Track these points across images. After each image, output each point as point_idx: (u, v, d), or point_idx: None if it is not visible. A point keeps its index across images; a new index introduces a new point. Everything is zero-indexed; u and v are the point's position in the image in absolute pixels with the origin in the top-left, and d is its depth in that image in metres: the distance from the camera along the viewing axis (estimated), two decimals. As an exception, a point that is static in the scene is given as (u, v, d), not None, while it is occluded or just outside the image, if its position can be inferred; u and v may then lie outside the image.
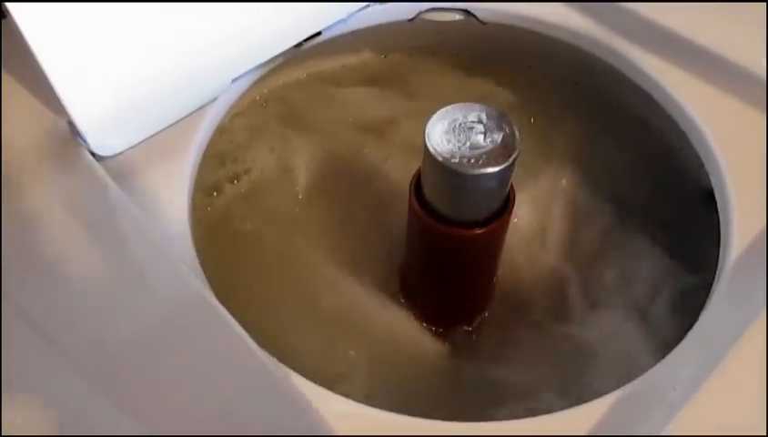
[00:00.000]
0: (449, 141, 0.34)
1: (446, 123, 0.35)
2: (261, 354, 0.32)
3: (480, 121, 0.35)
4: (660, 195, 0.47)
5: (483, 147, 0.34)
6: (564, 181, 0.48)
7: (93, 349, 0.31)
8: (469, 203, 0.36)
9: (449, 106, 0.36)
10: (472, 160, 0.34)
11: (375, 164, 0.50)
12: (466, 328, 0.44)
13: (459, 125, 0.35)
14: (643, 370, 0.32)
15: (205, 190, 0.45)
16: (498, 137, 0.35)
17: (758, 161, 0.39)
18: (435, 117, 0.36)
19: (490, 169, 0.34)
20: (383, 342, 0.43)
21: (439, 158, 0.34)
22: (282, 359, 0.32)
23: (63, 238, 0.35)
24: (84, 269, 0.34)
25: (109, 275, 0.34)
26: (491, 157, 0.34)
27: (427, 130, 0.35)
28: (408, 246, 0.43)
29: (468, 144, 0.34)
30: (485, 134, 0.35)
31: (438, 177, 0.36)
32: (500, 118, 0.35)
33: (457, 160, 0.34)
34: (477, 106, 0.36)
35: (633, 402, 0.31)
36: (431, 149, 0.34)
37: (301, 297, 0.43)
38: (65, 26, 0.34)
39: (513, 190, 0.37)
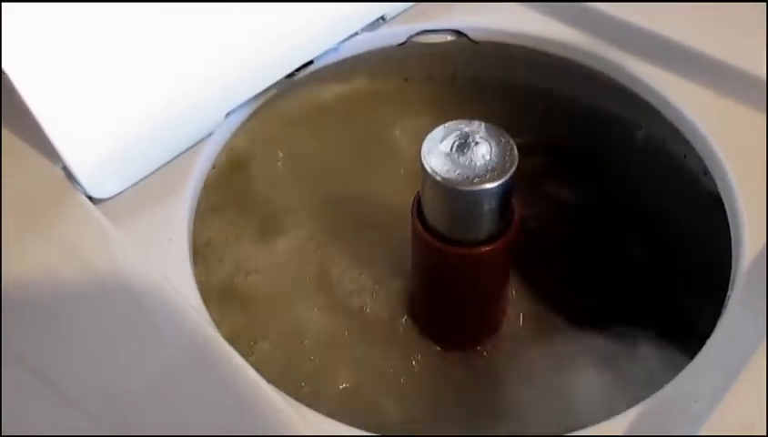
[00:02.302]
0: (446, 159, 0.34)
1: (442, 141, 0.35)
2: (271, 391, 0.31)
3: (476, 137, 0.35)
4: (668, 203, 0.46)
5: (481, 163, 0.34)
6: (566, 194, 0.48)
7: (101, 396, 0.31)
8: (470, 221, 0.36)
9: (446, 124, 0.36)
10: (470, 177, 0.33)
11: (378, 187, 0.49)
12: (477, 348, 0.43)
13: (456, 142, 0.35)
14: (662, 384, 0.31)
15: (206, 224, 0.45)
16: (495, 152, 0.34)
17: (763, 163, 0.38)
18: (431, 136, 0.35)
19: (489, 185, 0.33)
20: (391, 366, 0.42)
21: (437, 177, 0.34)
22: (293, 393, 0.32)
23: (63, 285, 0.34)
24: (87, 314, 0.33)
25: (112, 319, 0.33)
26: (490, 172, 0.34)
27: (423, 149, 0.35)
28: (413, 268, 0.42)
29: (465, 161, 0.34)
30: (482, 150, 0.34)
31: (437, 196, 0.35)
32: (496, 133, 0.35)
33: (455, 178, 0.33)
34: (473, 122, 0.36)
35: (654, 418, 0.30)
36: (429, 168, 0.34)
37: (307, 325, 0.43)
38: (55, 72, 0.34)
39: (517, 206, 0.37)
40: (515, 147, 0.34)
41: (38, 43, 0.32)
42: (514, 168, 0.34)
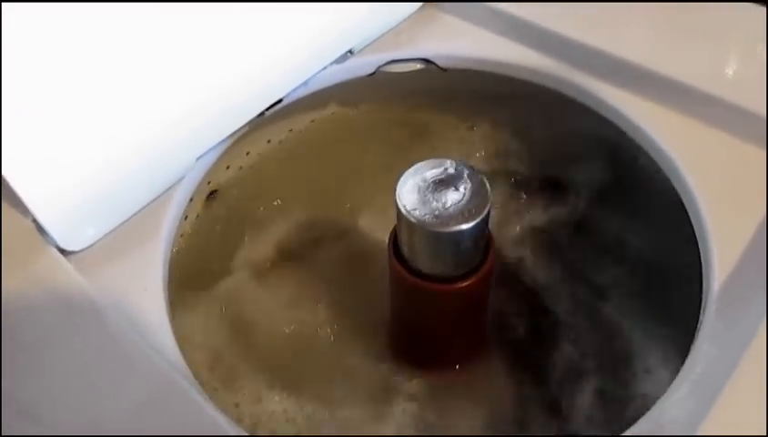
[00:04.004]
0: (420, 200, 0.34)
1: (416, 181, 0.35)
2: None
3: (449, 177, 0.35)
4: (640, 224, 0.47)
5: (455, 203, 0.34)
6: (538, 218, 0.48)
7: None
8: (446, 259, 0.36)
9: (418, 164, 0.36)
10: (445, 218, 0.34)
11: (355, 221, 0.49)
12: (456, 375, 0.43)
13: (430, 182, 0.35)
14: (635, 416, 0.31)
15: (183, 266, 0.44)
16: (469, 191, 0.34)
17: (730, 183, 0.39)
18: (405, 176, 0.35)
19: (464, 226, 0.33)
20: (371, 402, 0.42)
21: (412, 219, 0.34)
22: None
23: (37, 338, 0.34)
24: (62, 366, 0.33)
25: (87, 370, 0.33)
26: (464, 212, 0.34)
27: (397, 190, 0.35)
28: (391, 299, 0.42)
29: (439, 201, 0.34)
30: (456, 189, 0.34)
31: (412, 236, 0.35)
32: (470, 172, 0.35)
33: (430, 220, 0.34)
34: (446, 161, 0.36)
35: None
36: (403, 210, 0.34)
37: (284, 366, 0.43)
38: (20, 124, 0.33)
39: (492, 241, 0.37)
40: (488, 185, 0.34)
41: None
42: (488, 207, 0.34)
